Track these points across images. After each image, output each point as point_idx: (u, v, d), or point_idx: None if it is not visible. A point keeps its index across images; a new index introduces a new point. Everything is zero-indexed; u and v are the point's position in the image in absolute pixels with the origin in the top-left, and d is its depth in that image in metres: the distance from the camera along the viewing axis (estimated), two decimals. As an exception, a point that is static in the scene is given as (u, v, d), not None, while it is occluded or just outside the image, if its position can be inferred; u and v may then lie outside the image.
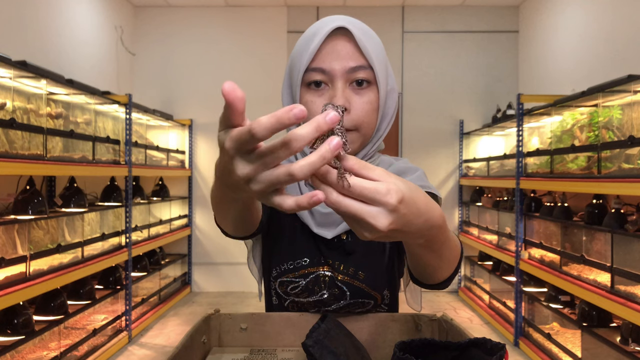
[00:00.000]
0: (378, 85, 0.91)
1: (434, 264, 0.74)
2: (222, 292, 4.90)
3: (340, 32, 0.89)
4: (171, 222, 4.57)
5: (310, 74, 0.90)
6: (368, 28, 0.93)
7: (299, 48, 0.92)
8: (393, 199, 0.50)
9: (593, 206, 2.76)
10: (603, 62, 3.50)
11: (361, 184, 0.49)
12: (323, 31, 0.88)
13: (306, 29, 0.95)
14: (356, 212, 0.50)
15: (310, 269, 0.99)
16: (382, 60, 0.92)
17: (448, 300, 4.76)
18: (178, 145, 4.98)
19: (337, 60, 0.88)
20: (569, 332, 2.90)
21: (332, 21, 0.90)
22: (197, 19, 5.03)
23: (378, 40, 0.93)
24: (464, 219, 5.01)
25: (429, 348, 0.70)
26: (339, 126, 0.53)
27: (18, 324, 2.39)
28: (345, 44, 0.89)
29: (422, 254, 0.70)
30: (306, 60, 0.89)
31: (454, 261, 0.77)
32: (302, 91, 0.92)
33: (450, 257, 0.74)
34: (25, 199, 2.54)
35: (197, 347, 0.90)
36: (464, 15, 5.02)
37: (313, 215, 0.98)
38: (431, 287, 0.86)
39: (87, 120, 3.11)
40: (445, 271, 0.78)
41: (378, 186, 0.50)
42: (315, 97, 0.90)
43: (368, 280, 0.98)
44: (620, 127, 2.51)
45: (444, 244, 0.69)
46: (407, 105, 5.05)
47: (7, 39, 3.06)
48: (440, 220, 0.61)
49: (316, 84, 0.90)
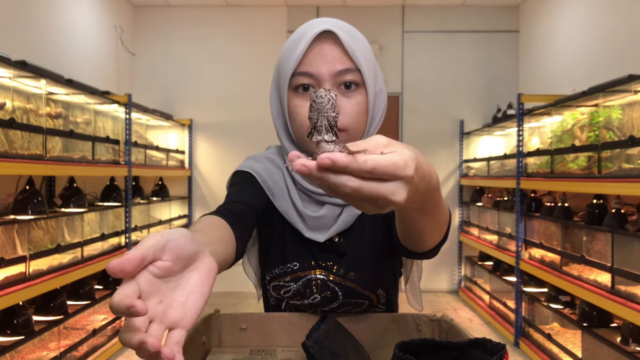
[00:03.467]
0: (366, 87, 0.91)
1: (425, 228, 0.72)
2: (222, 292, 4.90)
3: (327, 35, 0.89)
4: (171, 222, 4.56)
5: (297, 78, 0.89)
6: (354, 29, 0.93)
7: (286, 52, 0.92)
8: (411, 169, 0.47)
9: (593, 206, 2.76)
10: (603, 62, 3.50)
11: (380, 162, 0.45)
12: (309, 35, 0.88)
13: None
14: (377, 192, 0.47)
15: (301, 273, 0.99)
16: (370, 62, 0.92)
17: (448, 301, 4.76)
18: (178, 145, 4.98)
19: (324, 64, 0.88)
20: (569, 332, 2.90)
21: (318, 24, 0.89)
22: (197, 19, 5.03)
23: (365, 42, 0.93)
24: (464, 219, 5.01)
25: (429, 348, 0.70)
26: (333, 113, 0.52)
27: (18, 324, 2.38)
28: (332, 47, 0.88)
29: (415, 217, 0.68)
30: (293, 64, 0.89)
31: (443, 225, 0.76)
32: (289, 95, 0.92)
33: (441, 220, 0.73)
34: (25, 199, 2.54)
35: (197, 347, 0.90)
36: (464, 15, 5.02)
37: (304, 219, 0.98)
38: (419, 256, 0.85)
39: (86, 120, 3.11)
40: (436, 236, 0.77)
41: (396, 160, 0.46)
42: (303, 102, 0.90)
43: (359, 280, 0.98)
44: (620, 127, 2.51)
45: (437, 207, 0.67)
46: (407, 105, 5.05)
47: (7, 39, 3.06)
48: (435, 182, 0.59)
49: (304, 88, 0.90)
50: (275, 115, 0.99)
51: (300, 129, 0.91)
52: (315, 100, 0.52)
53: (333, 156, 0.44)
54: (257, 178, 0.99)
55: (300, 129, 0.91)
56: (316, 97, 0.52)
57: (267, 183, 0.99)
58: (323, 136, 0.51)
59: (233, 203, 0.90)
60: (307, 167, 0.45)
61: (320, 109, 0.52)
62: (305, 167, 0.45)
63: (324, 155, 0.44)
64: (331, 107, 0.52)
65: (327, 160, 0.44)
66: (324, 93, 0.52)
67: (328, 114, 0.52)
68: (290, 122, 0.94)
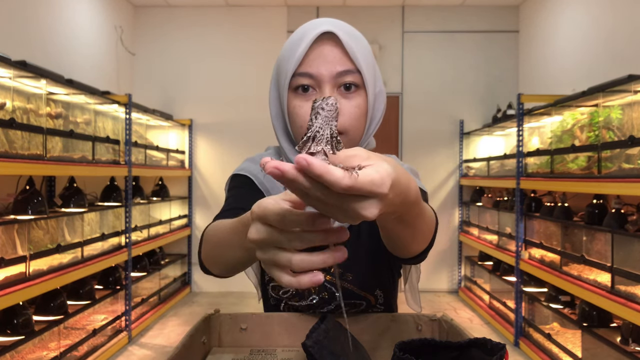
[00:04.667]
0: (366, 88, 0.90)
1: (407, 237, 0.71)
2: (222, 292, 4.90)
3: (327, 36, 0.88)
4: (171, 222, 4.56)
5: (297, 79, 0.89)
6: (355, 31, 0.92)
7: (286, 52, 0.91)
8: (386, 187, 0.46)
9: (593, 206, 2.76)
10: (603, 62, 3.50)
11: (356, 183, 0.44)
12: (310, 36, 0.88)
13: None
14: (348, 205, 0.45)
15: None
16: (370, 63, 0.92)
17: (448, 300, 4.76)
18: (178, 145, 4.98)
19: (325, 65, 0.87)
20: (569, 332, 2.90)
21: (318, 25, 0.89)
22: (197, 19, 5.03)
23: (365, 43, 0.92)
24: (464, 219, 5.01)
25: (429, 348, 0.70)
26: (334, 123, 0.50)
27: (18, 324, 2.38)
28: (332, 49, 0.88)
29: (394, 228, 0.68)
30: (293, 65, 0.88)
31: (428, 233, 0.75)
32: (289, 96, 0.91)
33: (424, 229, 0.72)
34: (25, 199, 2.54)
35: (197, 347, 0.90)
36: (464, 15, 5.01)
37: None
38: (406, 262, 0.85)
39: (86, 120, 3.11)
40: (420, 244, 0.76)
41: (373, 177, 0.44)
42: (303, 102, 0.89)
43: (356, 281, 0.98)
44: (620, 127, 2.51)
45: (418, 217, 0.66)
46: (407, 105, 5.05)
47: (7, 39, 3.06)
48: (415, 196, 0.58)
49: (304, 89, 0.89)
50: (274, 115, 0.98)
51: (299, 129, 0.91)
52: (324, 108, 0.49)
53: (309, 159, 0.41)
54: (255, 181, 0.99)
55: (299, 130, 0.91)
56: (325, 105, 0.49)
57: (265, 185, 0.99)
58: (323, 147, 0.49)
59: (232, 210, 0.89)
60: (280, 170, 0.43)
61: (328, 117, 0.49)
62: (277, 170, 0.43)
63: (301, 156, 0.41)
64: (335, 117, 0.50)
65: (304, 161, 0.41)
66: (333, 101, 0.49)
67: (331, 124, 0.50)
68: (289, 122, 0.94)
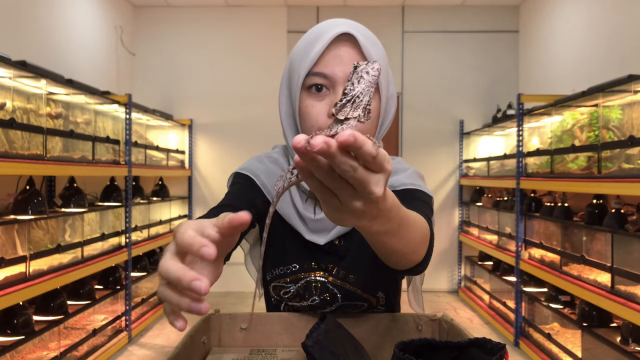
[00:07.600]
0: (380, 91, 0.90)
1: (395, 246, 0.68)
2: (222, 292, 4.90)
3: (344, 37, 0.88)
4: (171, 222, 4.56)
5: (311, 78, 0.88)
6: (371, 34, 0.92)
7: (300, 51, 0.90)
8: (390, 165, 0.48)
9: (593, 206, 2.76)
10: (603, 62, 3.50)
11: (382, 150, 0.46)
12: (327, 36, 0.87)
13: (306, 29, 0.93)
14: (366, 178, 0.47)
15: (300, 275, 0.99)
16: (385, 67, 0.91)
17: (448, 300, 4.76)
18: (178, 145, 4.98)
19: (340, 66, 0.87)
20: (569, 332, 2.90)
21: (336, 25, 0.88)
22: (197, 19, 5.03)
23: (381, 47, 0.92)
24: (464, 219, 5.01)
25: (429, 348, 0.70)
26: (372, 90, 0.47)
27: (18, 324, 2.38)
28: (348, 50, 0.87)
29: (381, 240, 0.66)
30: (308, 65, 0.87)
31: (420, 243, 0.73)
32: (302, 95, 0.90)
33: (415, 238, 0.70)
34: (25, 199, 2.54)
35: (197, 347, 0.90)
36: (464, 15, 5.01)
37: (305, 222, 0.97)
38: (405, 273, 0.83)
39: (86, 120, 3.11)
40: (414, 254, 0.73)
41: (385, 153, 0.47)
42: (316, 102, 0.88)
43: (359, 282, 0.98)
44: (620, 127, 2.51)
45: (402, 225, 0.64)
46: (407, 105, 5.05)
47: (7, 39, 3.06)
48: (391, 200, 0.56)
49: (317, 88, 0.88)
50: (283, 114, 0.97)
51: (310, 129, 0.89)
52: (369, 72, 0.47)
53: (356, 134, 0.43)
54: (257, 181, 0.99)
55: (310, 129, 0.89)
56: (370, 69, 0.47)
57: (267, 186, 0.99)
58: (359, 112, 0.48)
59: (225, 207, 0.89)
60: (328, 145, 0.44)
61: (371, 83, 0.47)
62: (326, 145, 0.44)
63: (348, 132, 0.42)
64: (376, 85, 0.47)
65: (351, 137, 0.42)
66: (378, 66, 0.47)
67: (371, 92, 0.48)
68: (300, 121, 0.92)
